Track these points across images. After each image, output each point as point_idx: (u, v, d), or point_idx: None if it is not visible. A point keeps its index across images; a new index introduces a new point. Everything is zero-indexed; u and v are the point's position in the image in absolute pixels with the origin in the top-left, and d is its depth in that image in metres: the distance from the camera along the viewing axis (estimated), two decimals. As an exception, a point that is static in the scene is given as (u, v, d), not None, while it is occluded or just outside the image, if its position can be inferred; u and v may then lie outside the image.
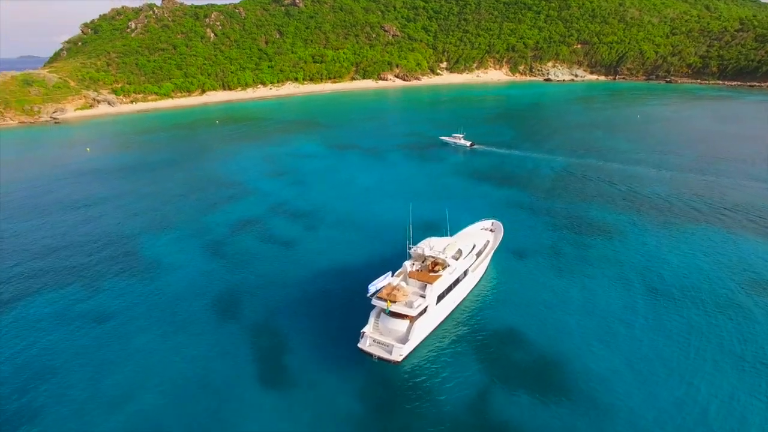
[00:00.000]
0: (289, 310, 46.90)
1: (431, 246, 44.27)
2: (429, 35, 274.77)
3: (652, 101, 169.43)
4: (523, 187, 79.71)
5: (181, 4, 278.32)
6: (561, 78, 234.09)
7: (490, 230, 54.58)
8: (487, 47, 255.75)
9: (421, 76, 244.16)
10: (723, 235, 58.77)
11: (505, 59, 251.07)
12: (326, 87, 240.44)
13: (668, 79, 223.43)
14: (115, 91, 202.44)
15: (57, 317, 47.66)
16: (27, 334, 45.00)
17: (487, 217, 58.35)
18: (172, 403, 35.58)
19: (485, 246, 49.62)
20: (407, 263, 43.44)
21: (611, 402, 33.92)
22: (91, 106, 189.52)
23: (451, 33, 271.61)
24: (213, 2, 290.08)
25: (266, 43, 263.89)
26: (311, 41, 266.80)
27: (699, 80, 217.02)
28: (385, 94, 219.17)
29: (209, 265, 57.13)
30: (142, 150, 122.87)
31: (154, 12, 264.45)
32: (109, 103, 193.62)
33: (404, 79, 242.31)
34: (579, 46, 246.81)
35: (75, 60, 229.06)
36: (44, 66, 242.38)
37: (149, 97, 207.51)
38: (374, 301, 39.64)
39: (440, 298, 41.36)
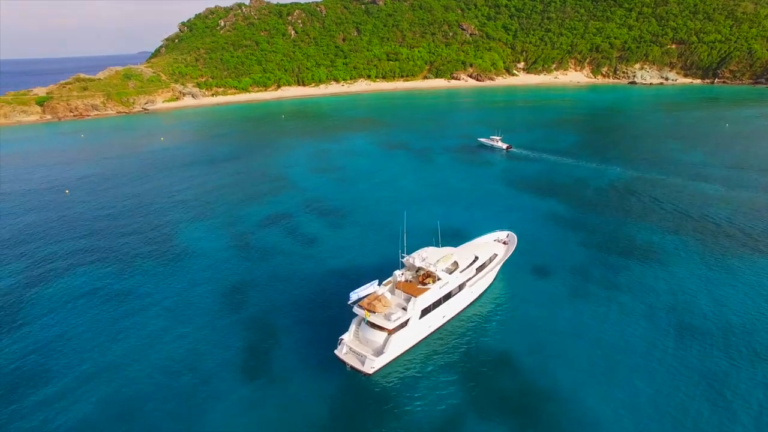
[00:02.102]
0: (289, 307, 47.78)
1: (424, 257, 42.60)
2: (509, 34, 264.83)
3: (753, 109, 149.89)
4: (562, 198, 74.43)
5: (268, 3, 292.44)
6: (648, 81, 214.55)
7: (503, 242, 51.54)
8: (569, 47, 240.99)
9: (495, 77, 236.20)
10: (787, 270, 50.64)
11: (587, 60, 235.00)
12: (398, 85, 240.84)
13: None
14: (199, 85, 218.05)
15: (86, 291, 52.82)
16: (58, 304, 50.24)
17: (504, 228, 55.19)
18: (160, 378, 38.66)
19: (490, 259, 46.88)
20: (397, 272, 42.29)
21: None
22: (177, 98, 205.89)
23: (531, 32, 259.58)
24: (297, 0, 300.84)
25: (343, 40, 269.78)
26: (387, 39, 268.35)
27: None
28: (455, 94, 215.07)
29: (231, 256, 59.82)
30: (207, 142, 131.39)
31: (242, 10, 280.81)
32: (192, 96, 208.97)
33: (477, 79, 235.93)
34: (673, 46, 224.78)
35: (169, 56, 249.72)
36: (146, 61, 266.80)
37: (229, 91, 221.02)
38: (355, 309, 39.03)
39: (425, 312, 39.73)
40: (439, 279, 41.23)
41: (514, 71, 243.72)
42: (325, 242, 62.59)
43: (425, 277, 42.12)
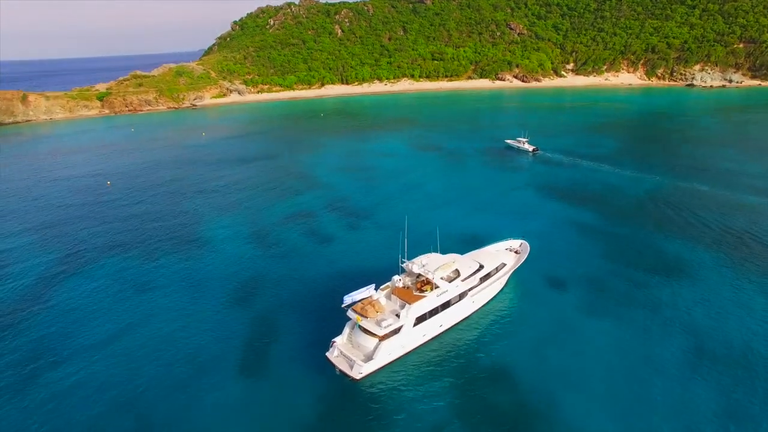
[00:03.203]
0: (294, 305, 48.11)
1: (423, 263, 41.57)
2: (559, 34, 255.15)
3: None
4: (590, 207, 70.75)
5: (317, 2, 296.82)
6: (709, 84, 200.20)
7: (515, 251, 49.51)
8: (622, 47, 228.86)
9: (541, 78, 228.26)
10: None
11: (641, 61, 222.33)
12: (441, 85, 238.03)
13: None
14: (245, 82, 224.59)
15: (109, 274, 56.04)
16: (82, 285, 53.52)
17: (518, 236, 53.04)
18: (161, 360, 40.62)
19: (497, 269, 45.15)
20: (396, 278, 41.53)
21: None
22: (224, 95, 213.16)
23: (583, 32, 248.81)
24: None
25: (389, 39, 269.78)
26: (433, 38, 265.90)
27: None
28: (498, 95, 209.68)
29: (247, 252, 61.07)
30: (244, 138, 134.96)
31: (291, 10, 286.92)
32: (239, 93, 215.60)
33: (523, 80, 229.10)
34: (741, 45, 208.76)
35: (220, 53, 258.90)
36: (200, 58, 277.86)
37: (274, 89, 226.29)
38: (348, 313, 38.66)
39: (420, 320, 38.72)
40: (437, 287, 40.08)
41: (562, 72, 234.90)
42: (340, 242, 62.60)
43: (423, 284, 41.10)
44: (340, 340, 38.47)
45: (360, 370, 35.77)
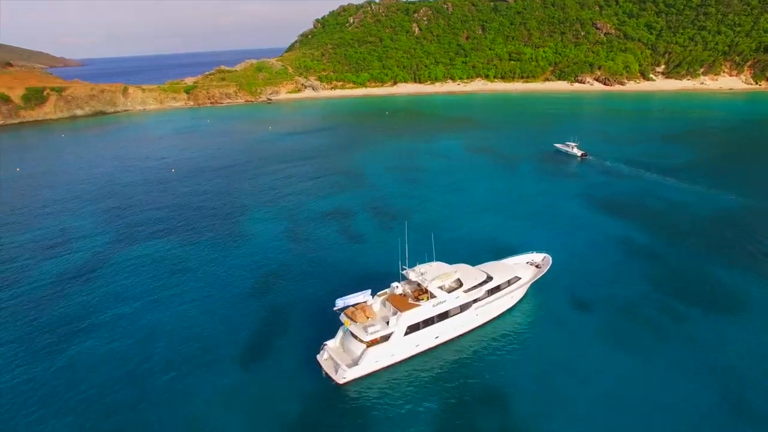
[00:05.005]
0: (307, 302, 48.72)
1: (422, 272, 40.12)
2: (651, 33, 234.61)
3: None
4: (641, 223, 64.34)
5: (397, 0, 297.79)
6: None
7: (537, 265, 46.31)
8: (726, 48, 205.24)
9: (626, 81, 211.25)
10: None
11: (748, 63, 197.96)
12: (515, 87, 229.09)
13: None
14: (320, 78, 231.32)
15: (150, 260, 60.02)
16: (123, 266, 58.34)
17: (542, 249, 49.57)
18: (172, 337, 43.77)
19: (509, 282, 42.52)
20: (395, 284, 40.54)
21: None
22: (298, 90, 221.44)
23: (680, 31, 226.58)
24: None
25: (467, 38, 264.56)
26: (513, 38, 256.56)
27: None
28: (574, 99, 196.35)
29: (275, 244, 63.37)
30: (307, 134, 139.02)
31: (371, 8, 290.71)
32: (312, 89, 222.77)
33: (605, 84, 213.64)
34: None
35: (299, 50, 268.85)
36: (282, 54, 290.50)
37: (347, 85, 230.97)
38: (341, 317, 38.36)
39: (412, 329, 37.43)
40: (434, 296, 38.49)
41: (651, 75, 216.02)
42: (366, 243, 62.50)
43: (421, 293, 39.72)
44: (331, 344, 38.36)
45: (344, 375, 35.39)
